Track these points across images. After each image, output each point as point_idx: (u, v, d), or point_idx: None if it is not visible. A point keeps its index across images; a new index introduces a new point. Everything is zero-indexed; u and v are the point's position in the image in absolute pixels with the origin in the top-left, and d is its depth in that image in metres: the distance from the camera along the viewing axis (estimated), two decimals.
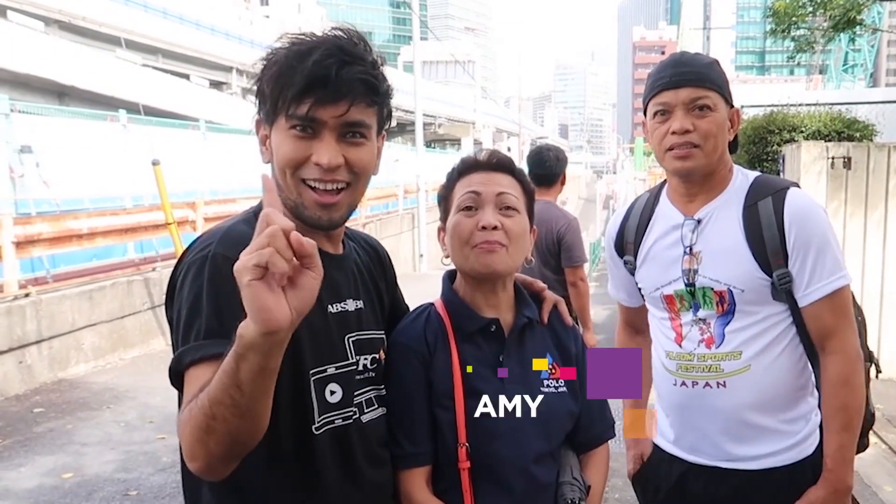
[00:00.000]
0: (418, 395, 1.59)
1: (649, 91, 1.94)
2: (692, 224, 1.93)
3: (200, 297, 1.28)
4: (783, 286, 1.84)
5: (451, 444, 1.57)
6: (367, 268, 1.64)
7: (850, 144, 6.97)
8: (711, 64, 1.91)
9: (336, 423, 1.44)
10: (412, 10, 19.08)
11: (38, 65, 20.25)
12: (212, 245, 1.33)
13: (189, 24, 33.76)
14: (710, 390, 1.91)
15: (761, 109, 9.35)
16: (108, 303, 8.34)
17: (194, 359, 1.24)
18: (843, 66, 38.74)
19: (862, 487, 4.41)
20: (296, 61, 1.35)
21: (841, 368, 1.83)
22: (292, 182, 1.40)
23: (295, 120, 1.36)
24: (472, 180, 1.66)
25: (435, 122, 47.84)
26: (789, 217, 1.83)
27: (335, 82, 1.34)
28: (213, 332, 1.25)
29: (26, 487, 4.86)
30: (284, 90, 1.35)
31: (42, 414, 6.40)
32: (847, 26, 11.58)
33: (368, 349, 1.54)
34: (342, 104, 1.36)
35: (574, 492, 1.60)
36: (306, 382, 1.39)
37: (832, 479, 1.82)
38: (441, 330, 1.64)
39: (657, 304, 2.03)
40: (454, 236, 1.63)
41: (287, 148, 1.38)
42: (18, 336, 7.04)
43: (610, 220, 2.23)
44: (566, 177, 4.63)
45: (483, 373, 1.61)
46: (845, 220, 6.73)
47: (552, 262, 4.31)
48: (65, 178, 10.20)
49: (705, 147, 1.85)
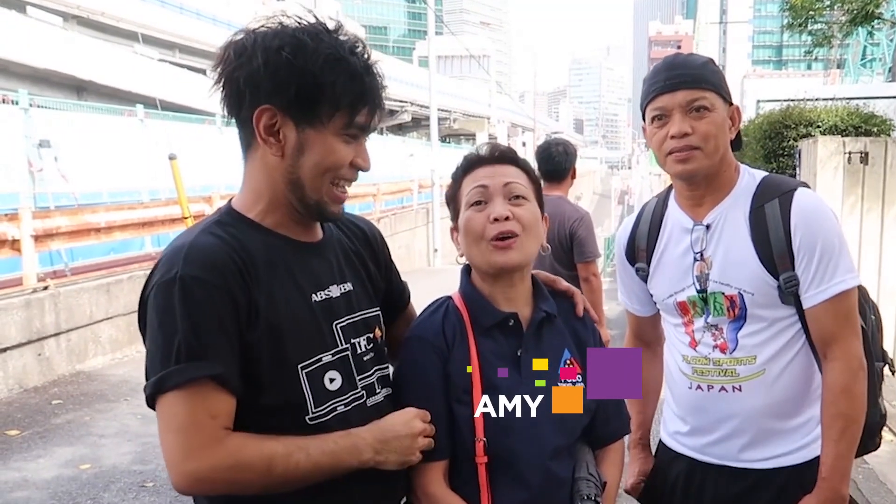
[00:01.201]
0: (436, 389, 1.59)
1: (645, 96, 1.92)
2: (702, 229, 1.92)
3: (174, 320, 1.30)
4: (790, 289, 1.82)
5: (468, 439, 1.57)
6: (353, 249, 1.65)
7: (868, 139, 6.91)
8: (705, 64, 1.89)
9: (338, 409, 1.46)
10: (427, 5, 19.07)
11: (56, 60, 20.36)
12: (176, 266, 1.32)
13: (206, 19, 33.87)
14: (726, 394, 1.91)
15: (778, 104, 9.28)
16: (125, 296, 8.41)
17: (180, 381, 1.29)
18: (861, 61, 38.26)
19: (877, 485, 4.38)
20: (366, 74, 1.42)
21: (841, 377, 1.80)
22: (325, 183, 1.45)
23: (356, 129, 1.44)
24: (478, 175, 1.66)
25: (450, 117, 47.74)
26: (795, 219, 1.81)
27: (380, 94, 1.46)
28: (194, 354, 1.29)
29: (45, 478, 4.92)
30: (353, 99, 1.41)
31: (60, 406, 6.48)
32: (865, 20, 11.46)
33: (363, 330, 1.57)
34: (378, 113, 1.47)
35: (590, 487, 1.60)
36: (295, 375, 1.41)
37: (826, 489, 1.79)
38: (459, 324, 1.64)
39: (671, 311, 2.02)
40: (467, 232, 1.64)
41: (340, 154, 1.43)
42: (37, 328, 7.12)
43: (619, 228, 2.21)
44: (576, 171, 4.59)
45: (501, 367, 1.61)
46: (862, 215, 6.67)
47: (564, 258, 4.29)
48: (83, 173, 10.30)
49: (706, 148, 1.83)
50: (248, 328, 1.35)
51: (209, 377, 1.29)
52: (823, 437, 1.82)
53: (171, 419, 1.30)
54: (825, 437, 1.81)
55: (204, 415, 1.29)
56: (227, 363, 1.31)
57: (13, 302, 6.95)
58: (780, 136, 7.90)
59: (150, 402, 1.34)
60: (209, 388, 1.30)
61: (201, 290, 1.30)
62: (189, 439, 1.29)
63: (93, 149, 10.72)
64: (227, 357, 1.32)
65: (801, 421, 1.90)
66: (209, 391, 1.30)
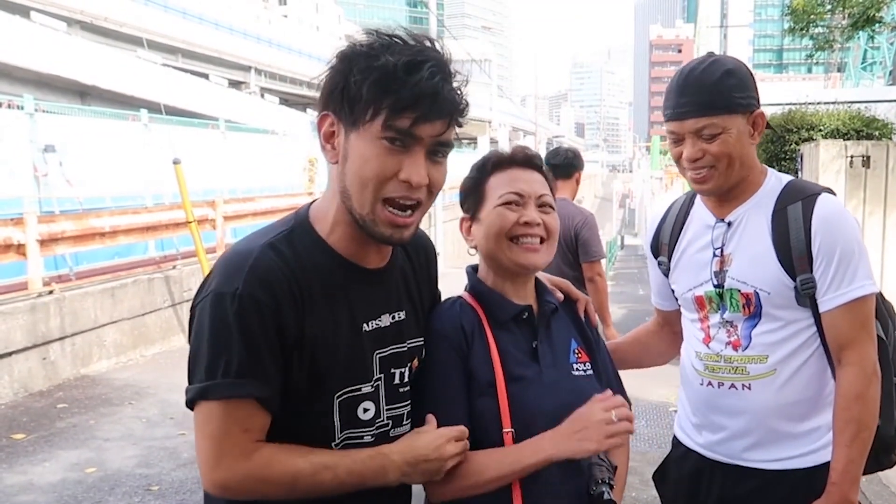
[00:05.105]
0: (458, 383, 1.62)
1: (662, 112, 1.97)
2: (723, 226, 1.95)
3: (228, 335, 1.30)
4: (806, 291, 1.83)
5: (495, 431, 1.59)
6: (414, 274, 1.62)
7: (869, 143, 6.93)
8: (720, 80, 1.84)
9: (365, 438, 1.46)
10: (429, 10, 19.04)
11: (60, 65, 20.45)
12: (238, 281, 1.32)
13: (208, 23, 33.97)
14: (736, 392, 1.92)
15: (779, 108, 9.29)
16: (129, 300, 8.44)
17: (226, 395, 1.31)
18: (862, 64, 38.26)
19: (881, 488, 4.38)
20: (405, 73, 1.29)
21: (855, 381, 1.80)
22: (370, 197, 1.34)
23: (393, 132, 1.30)
24: (513, 177, 1.71)
25: None
26: (817, 222, 1.83)
27: (440, 101, 1.31)
28: (244, 372, 1.30)
29: (50, 482, 4.94)
30: (387, 98, 1.29)
31: (65, 409, 6.50)
32: (866, 24, 11.48)
33: (406, 360, 1.55)
34: (440, 123, 1.33)
35: (603, 472, 1.63)
36: (331, 404, 1.41)
37: (835, 494, 1.79)
38: (476, 320, 1.68)
39: (689, 306, 2.05)
40: (493, 226, 1.67)
41: (378, 162, 1.32)
42: (42, 333, 7.14)
43: (648, 221, 2.26)
44: (581, 177, 4.68)
45: (521, 358, 1.65)
46: (864, 219, 6.68)
47: (570, 258, 4.33)
48: (87, 177, 10.33)
49: (719, 166, 1.86)
50: (291, 354, 1.35)
51: (253, 397, 1.32)
52: (835, 441, 1.82)
53: (205, 426, 1.32)
54: (836, 442, 1.81)
55: (238, 428, 1.32)
56: (271, 385, 1.33)
57: (18, 306, 6.98)
58: (781, 140, 7.92)
59: (190, 405, 1.36)
60: (250, 406, 1.32)
61: (257, 311, 1.31)
62: (221, 449, 1.31)
63: (97, 153, 10.75)
64: (272, 379, 1.33)
65: (812, 426, 1.91)
66: (249, 408, 1.32)
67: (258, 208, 12.36)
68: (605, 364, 1.81)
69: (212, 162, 13.03)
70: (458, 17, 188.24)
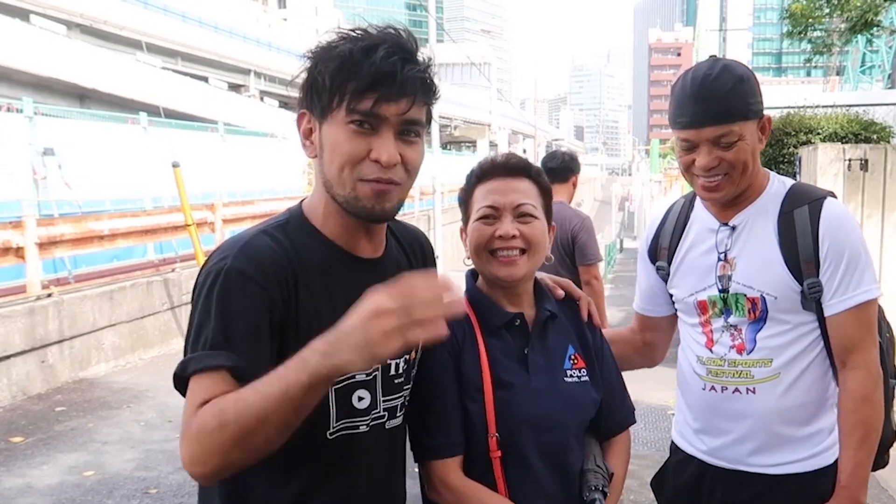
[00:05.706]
0: (450, 386, 1.63)
1: (672, 120, 1.90)
2: (727, 230, 1.93)
3: (210, 308, 1.30)
4: (812, 295, 1.83)
5: (482, 435, 1.62)
6: (410, 267, 1.62)
7: (868, 146, 6.93)
8: (735, 87, 1.81)
9: (360, 428, 1.45)
10: (428, 13, 19.10)
11: (60, 68, 20.44)
12: (228, 257, 1.33)
13: (208, 27, 33.97)
14: (740, 396, 1.92)
15: (778, 111, 9.31)
16: (128, 303, 8.44)
17: (198, 368, 1.26)
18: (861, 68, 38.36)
19: (878, 491, 4.39)
20: (361, 56, 1.32)
21: (863, 384, 1.81)
22: (348, 178, 1.37)
23: (357, 115, 1.33)
24: (490, 188, 1.71)
25: (451, 125, 47.79)
26: (824, 226, 1.83)
27: (400, 80, 1.33)
28: (218, 344, 1.28)
29: (49, 484, 4.95)
30: (348, 83, 1.32)
31: (63, 413, 6.50)
32: (864, 28, 11.48)
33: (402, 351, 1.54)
34: (404, 102, 1.34)
35: (598, 479, 1.64)
36: (326, 391, 1.37)
37: (845, 497, 1.80)
38: (468, 325, 1.69)
39: (689, 310, 2.03)
40: (472, 241, 1.71)
41: (346, 144, 1.35)
42: (41, 336, 7.15)
43: (646, 225, 2.23)
44: (578, 180, 4.70)
45: (510, 365, 1.66)
46: (862, 222, 6.68)
47: (567, 262, 4.35)
48: (86, 180, 10.32)
49: (734, 174, 1.84)
50: (286, 336, 1.33)
51: (226, 368, 1.26)
52: (842, 444, 1.83)
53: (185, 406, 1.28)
54: (844, 445, 1.82)
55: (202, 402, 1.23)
56: (248, 358, 1.27)
57: (17, 309, 6.99)
58: (780, 143, 7.93)
59: (178, 386, 1.30)
60: (223, 378, 1.25)
61: (241, 283, 1.30)
62: (183, 426, 1.25)
63: (96, 156, 10.74)
64: (251, 353, 1.28)
65: (814, 430, 1.91)
66: (221, 381, 1.25)
67: (257, 211, 12.35)
68: (608, 369, 1.81)
69: (211, 165, 13.04)
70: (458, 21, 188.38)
